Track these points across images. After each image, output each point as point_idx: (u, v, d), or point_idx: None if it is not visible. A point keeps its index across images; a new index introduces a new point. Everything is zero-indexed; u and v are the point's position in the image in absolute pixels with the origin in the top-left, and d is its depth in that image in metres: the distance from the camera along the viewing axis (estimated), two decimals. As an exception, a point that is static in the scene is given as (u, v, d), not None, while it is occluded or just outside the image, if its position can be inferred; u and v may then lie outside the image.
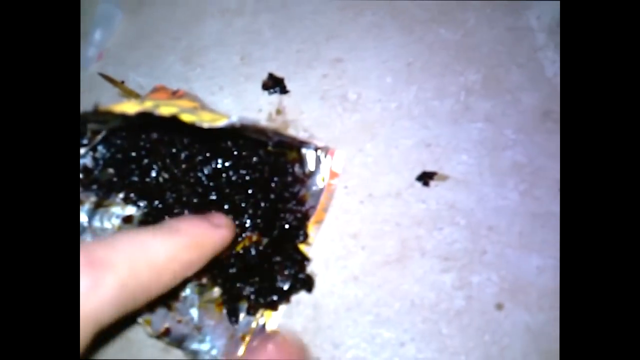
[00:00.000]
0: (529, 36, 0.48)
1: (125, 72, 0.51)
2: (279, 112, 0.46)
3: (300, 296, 0.36)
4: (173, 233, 0.27)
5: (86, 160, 0.36)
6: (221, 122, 0.30)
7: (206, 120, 0.30)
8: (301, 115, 0.45)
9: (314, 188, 0.39)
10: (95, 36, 0.53)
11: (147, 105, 0.30)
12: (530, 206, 0.37)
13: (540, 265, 0.35)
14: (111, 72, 0.51)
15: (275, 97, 0.47)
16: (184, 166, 0.38)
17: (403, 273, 0.35)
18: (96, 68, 0.52)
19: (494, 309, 0.34)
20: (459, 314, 0.34)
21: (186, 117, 0.30)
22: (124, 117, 0.29)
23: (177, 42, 0.53)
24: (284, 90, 0.47)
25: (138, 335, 0.36)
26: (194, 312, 0.37)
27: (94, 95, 0.50)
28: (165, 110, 0.30)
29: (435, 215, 0.38)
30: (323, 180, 0.39)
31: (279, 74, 0.48)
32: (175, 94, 0.40)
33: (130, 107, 0.30)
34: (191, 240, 0.27)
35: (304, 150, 0.39)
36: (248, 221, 0.38)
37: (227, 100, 0.47)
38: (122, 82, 0.50)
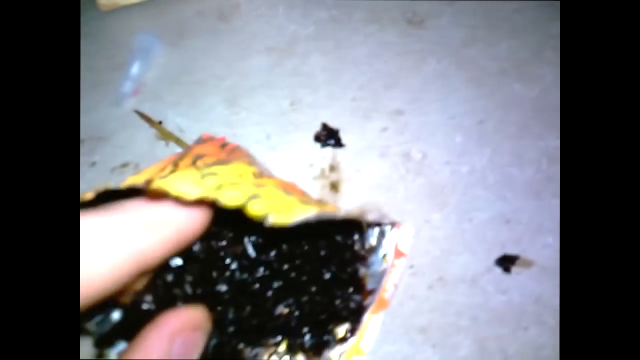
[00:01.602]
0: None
1: (163, 111, 0.47)
2: (332, 168, 0.41)
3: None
4: (118, 212, 0.20)
5: None
6: (295, 216, 0.24)
7: (279, 214, 0.24)
8: (357, 174, 0.40)
9: (376, 268, 0.34)
10: (132, 70, 0.49)
11: (209, 188, 0.25)
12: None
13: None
14: (148, 110, 0.47)
15: (329, 151, 0.42)
16: (230, 234, 0.33)
17: (484, 384, 0.30)
18: (132, 104, 0.47)
19: None
20: None
21: (254, 211, 0.24)
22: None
23: (221, 81, 0.49)
24: (338, 144, 0.42)
25: None
26: None
27: (129, 135, 0.45)
28: (229, 198, 0.24)
29: (519, 311, 0.32)
30: (386, 260, 0.34)
31: (333, 124, 0.43)
32: (224, 148, 0.35)
33: (188, 187, 0.24)
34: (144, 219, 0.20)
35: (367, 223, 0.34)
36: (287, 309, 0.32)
37: (275, 151, 0.42)
38: (160, 122, 0.46)
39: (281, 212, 0.24)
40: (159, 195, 0.23)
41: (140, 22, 0.56)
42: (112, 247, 0.18)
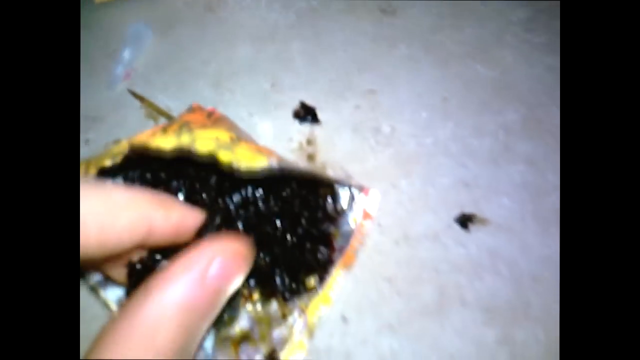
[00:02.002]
0: (570, 77, 0.47)
1: (153, 93, 0.50)
2: (309, 142, 0.45)
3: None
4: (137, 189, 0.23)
5: (118, 181, 0.34)
6: (259, 165, 0.28)
7: (244, 160, 0.29)
8: (333, 146, 0.44)
9: (345, 227, 0.37)
10: (124, 55, 0.53)
11: (184, 140, 0.29)
12: (577, 257, 0.35)
13: (591, 323, 0.32)
14: (138, 93, 0.50)
15: (307, 127, 0.46)
16: (212, 193, 0.36)
17: (442, 324, 0.33)
18: (123, 87, 0.51)
19: (542, 370, 0.31)
20: (503, 372, 0.31)
21: (224, 156, 0.28)
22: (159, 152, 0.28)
23: (207, 66, 0.52)
24: (315, 120, 0.46)
25: None
26: (209, 348, 0.34)
27: (121, 115, 0.48)
28: (202, 146, 0.28)
29: (476, 262, 0.36)
30: (355, 220, 0.37)
31: (310, 103, 0.47)
32: (210, 117, 0.38)
33: (166, 142, 0.28)
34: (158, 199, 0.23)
35: (337, 186, 0.38)
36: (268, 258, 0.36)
37: (257, 127, 0.46)
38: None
39: (248, 161, 0.27)
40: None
41: (132, 13, 0.59)
42: (131, 207, 0.21)
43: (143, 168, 0.34)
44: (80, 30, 0.56)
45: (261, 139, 0.45)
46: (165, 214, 0.23)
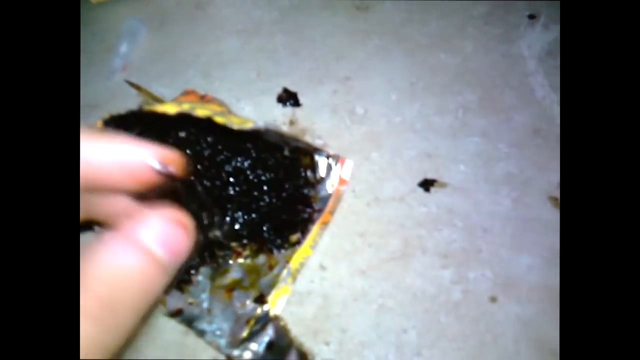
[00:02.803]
0: (521, 62, 0.53)
1: (148, 83, 0.55)
2: (292, 122, 0.50)
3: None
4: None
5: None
6: (249, 126, 0.34)
7: (235, 123, 0.34)
8: (313, 125, 0.49)
9: (323, 192, 0.43)
10: (121, 49, 0.58)
11: (185, 107, 0.34)
12: (521, 211, 0.41)
13: (530, 264, 0.38)
14: (135, 82, 0.55)
15: (289, 110, 0.51)
16: (206, 163, 0.41)
17: (406, 268, 0.39)
18: (121, 78, 0.56)
19: (488, 302, 0.37)
20: (457, 305, 0.37)
21: (219, 119, 0.34)
22: (162, 116, 0.33)
23: (197, 57, 0.57)
24: (297, 103, 0.51)
25: (157, 320, 0.38)
26: (205, 296, 0.39)
27: (118, 102, 0.53)
28: (201, 112, 0.34)
29: (436, 218, 0.42)
30: (332, 186, 0.43)
31: (292, 88, 0.52)
32: (203, 98, 0.44)
33: (170, 108, 0.33)
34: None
35: (316, 157, 0.43)
36: (254, 214, 0.41)
37: (244, 111, 0.51)
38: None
39: (239, 124, 0.33)
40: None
41: (126, 11, 0.64)
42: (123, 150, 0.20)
43: (146, 126, 0.38)
44: (80, 28, 0.61)
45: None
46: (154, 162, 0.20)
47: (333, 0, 0.62)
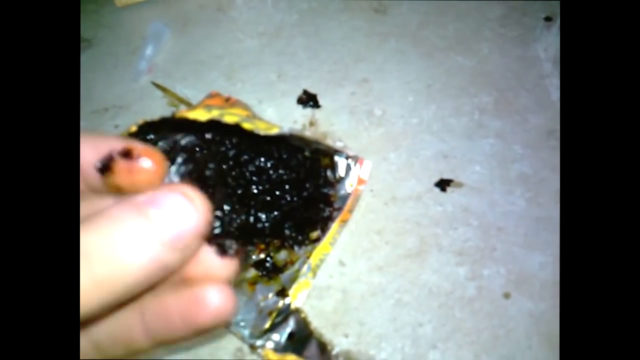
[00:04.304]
0: (537, 65, 0.54)
1: (172, 85, 0.57)
2: (312, 124, 0.52)
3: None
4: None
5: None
6: (274, 131, 0.36)
7: (262, 129, 0.36)
8: (332, 127, 0.51)
9: (342, 192, 0.45)
10: (147, 51, 0.60)
11: (215, 113, 0.36)
12: (534, 211, 0.42)
13: (542, 262, 0.40)
14: (160, 84, 0.57)
15: (309, 111, 0.53)
16: (231, 162, 0.43)
17: (422, 265, 0.40)
18: (147, 79, 0.58)
19: (502, 298, 0.38)
20: (471, 301, 0.38)
21: (247, 126, 0.36)
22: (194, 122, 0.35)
23: (220, 60, 0.59)
24: (316, 105, 0.53)
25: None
26: None
27: (145, 104, 0.56)
28: (229, 118, 0.36)
29: (451, 217, 0.43)
30: (351, 185, 0.45)
31: (312, 90, 0.54)
32: (228, 101, 0.46)
33: (200, 115, 0.35)
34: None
35: (336, 158, 0.45)
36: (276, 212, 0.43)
37: (266, 112, 0.53)
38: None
39: (266, 129, 0.35)
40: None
41: (150, 15, 0.66)
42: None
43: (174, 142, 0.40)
44: (105, 30, 0.64)
45: (271, 122, 0.52)
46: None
47: (351, 3, 0.64)
